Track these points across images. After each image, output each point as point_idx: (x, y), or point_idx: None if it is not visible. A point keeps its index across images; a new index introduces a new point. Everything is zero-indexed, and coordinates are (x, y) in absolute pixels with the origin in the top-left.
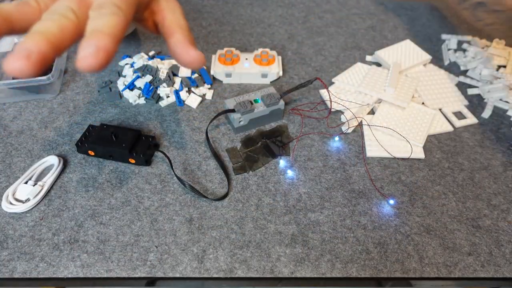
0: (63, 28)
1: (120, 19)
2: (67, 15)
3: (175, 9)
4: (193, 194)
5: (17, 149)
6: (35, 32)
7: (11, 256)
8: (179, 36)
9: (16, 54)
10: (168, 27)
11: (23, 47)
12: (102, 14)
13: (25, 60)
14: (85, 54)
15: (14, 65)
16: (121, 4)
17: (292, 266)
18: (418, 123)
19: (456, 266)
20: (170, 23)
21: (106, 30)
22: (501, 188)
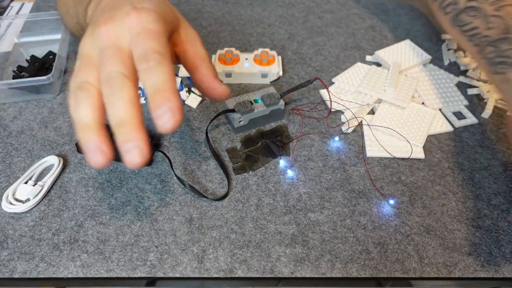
0: (134, 104)
1: (168, 66)
2: (128, 88)
3: (195, 40)
4: (193, 194)
5: (17, 149)
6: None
7: (11, 256)
8: (203, 70)
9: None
10: (191, 60)
11: (133, 148)
12: (151, 68)
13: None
14: (165, 120)
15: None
16: (161, 48)
17: (292, 266)
18: (418, 123)
19: (456, 266)
20: (193, 56)
21: (168, 87)
22: (501, 188)
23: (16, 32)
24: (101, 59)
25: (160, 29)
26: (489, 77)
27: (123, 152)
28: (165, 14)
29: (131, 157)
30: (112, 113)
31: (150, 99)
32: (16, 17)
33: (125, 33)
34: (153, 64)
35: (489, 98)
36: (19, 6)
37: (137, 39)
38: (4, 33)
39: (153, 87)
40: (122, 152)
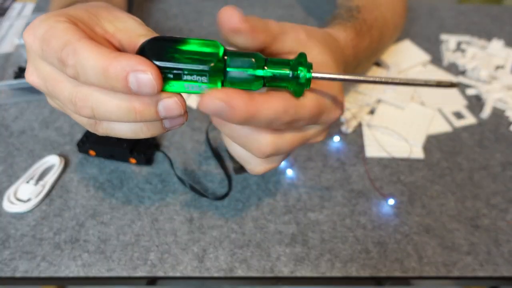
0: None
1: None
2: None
3: (129, 27)
4: (194, 193)
5: (18, 149)
6: None
7: (12, 256)
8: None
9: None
10: (131, 48)
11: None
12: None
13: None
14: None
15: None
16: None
17: (292, 266)
18: (417, 123)
19: (455, 265)
20: (128, 44)
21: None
22: (500, 188)
23: (17, 33)
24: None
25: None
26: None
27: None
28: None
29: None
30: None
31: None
32: (18, 18)
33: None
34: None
35: (487, 99)
36: (21, 7)
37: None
38: (6, 34)
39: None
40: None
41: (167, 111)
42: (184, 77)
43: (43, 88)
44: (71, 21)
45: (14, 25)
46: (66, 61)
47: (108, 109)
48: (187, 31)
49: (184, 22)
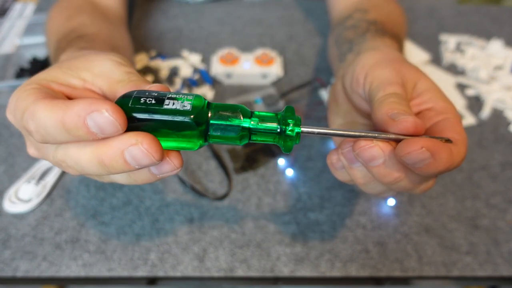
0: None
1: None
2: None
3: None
4: (194, 193)
5: (19, 149)
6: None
7: (13, 255)
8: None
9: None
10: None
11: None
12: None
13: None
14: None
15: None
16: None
17: (292, 265)
18: None
19: (454, 265)
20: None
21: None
22: (499, 188)
23: (18, 34)
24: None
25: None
26: (337, 68)
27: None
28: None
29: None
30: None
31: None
32: (19, 19)
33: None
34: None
35: (487, 99)
36: (21, 8)
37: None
38: (6, 34)
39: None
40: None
41: (135, 160)
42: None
43: (43, 158)
44: (39, 85)
45: (14, 26)
46: (28, 128)
47: (83, 164)
48: (187, 31)
49: (184, 22)
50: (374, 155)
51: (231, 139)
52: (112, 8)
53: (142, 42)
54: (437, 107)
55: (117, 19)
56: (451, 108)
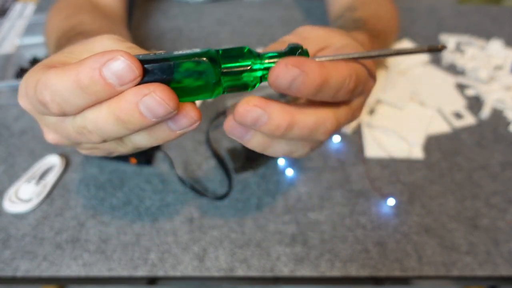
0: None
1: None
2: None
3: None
4: (194, 193)
5: (19, 149)
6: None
7: (14, 255)
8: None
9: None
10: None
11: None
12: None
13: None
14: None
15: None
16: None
17: (292, 265)
18: (417, 124)
19: (454, 265)
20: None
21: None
22: (499, 188)
23: (18, 34)
24: None
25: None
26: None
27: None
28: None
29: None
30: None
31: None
32: (19, 19)
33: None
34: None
35: (487, 99)
36: (21, 8)
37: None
38: (6, 34)
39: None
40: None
41: (150, 111)
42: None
43: (63, 140)
44: (46, 66)
45: (15, 26)
46: (43, 99)
47: (102, 125)
48: (187, 31)
49: (184, 22)
50: (256, 116)
51: (243, 78)
52: (112, 8)
53: (142, 42)
54: (336, 45)
55: (117, 18)
56: (351, 44)
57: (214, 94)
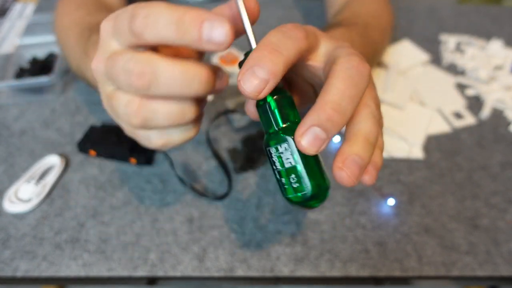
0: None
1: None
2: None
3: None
4: (194, 193)
5: (19, 149)
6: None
7: (13, 255)
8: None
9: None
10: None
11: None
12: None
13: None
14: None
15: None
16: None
17: (292, 265)
18: (417, 124)
19: (454, 265)
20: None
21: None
22: (499, 188)
23: (18, 34)
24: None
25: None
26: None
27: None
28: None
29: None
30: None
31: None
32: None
33: None
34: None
35: (487, 99)
36: (22, 8)
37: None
38: (6, 34)
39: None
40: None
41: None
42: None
43: (102, 70)
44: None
45: (14, 26)
46: (137, 13)
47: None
48: None
49: None
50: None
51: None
52: (114, 6)
53: None
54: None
55: None
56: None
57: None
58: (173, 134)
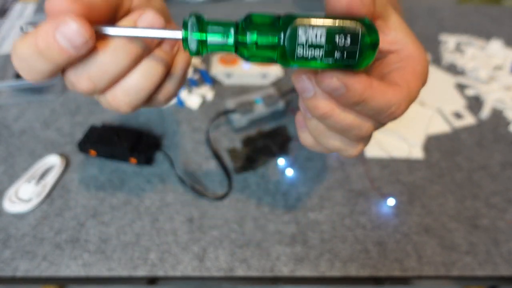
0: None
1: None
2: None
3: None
4: (194, 193)
5: (19, 149)
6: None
7: (13, 255)
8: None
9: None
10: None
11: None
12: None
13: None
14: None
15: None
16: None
17: (292, 265)
18: (417, 124)
19: (454, 265)
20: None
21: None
22: (499, 188)
23: (18, 34)
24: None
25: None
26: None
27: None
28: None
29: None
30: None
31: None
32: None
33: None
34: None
35: (486, 99)
36: (22, 8)
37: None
38: (7, 34)
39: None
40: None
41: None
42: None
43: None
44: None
45: (15, 26)
46: (15, 66)
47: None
48: None
49: None
50: (305, 87)
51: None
52: None
53: None
54: (403, 53)
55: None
56: (417, 56)
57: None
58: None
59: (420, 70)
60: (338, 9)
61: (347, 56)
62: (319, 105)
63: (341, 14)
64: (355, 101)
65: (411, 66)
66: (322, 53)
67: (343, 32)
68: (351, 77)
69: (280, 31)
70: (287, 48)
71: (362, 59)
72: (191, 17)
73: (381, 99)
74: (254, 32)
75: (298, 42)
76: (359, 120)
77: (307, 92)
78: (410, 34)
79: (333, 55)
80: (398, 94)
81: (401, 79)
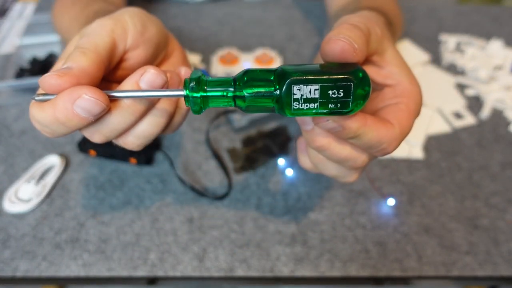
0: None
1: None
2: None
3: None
4: (194, 193)
5: (19, 149)
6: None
7: (13, 255)
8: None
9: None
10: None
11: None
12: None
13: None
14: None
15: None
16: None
17: (292, 265)
18: (417, 124)
19: (454, 265)
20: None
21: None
22: (499, 188)
23: (18, 34)
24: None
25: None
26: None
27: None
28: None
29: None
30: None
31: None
32: (19, 19)
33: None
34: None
35: (486, 99)
36: (22, 8)
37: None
38: (6, 34)
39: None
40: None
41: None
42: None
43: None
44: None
45: (14, 26)
46: (36, 127)
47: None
48: (187, 31)
49: (183, 23)
50: (304, 120)
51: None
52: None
53: None
54: (398, 88)
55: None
56: (411, 92)
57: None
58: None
59: (413, 108)
60: (331, 57)
61: (340, 106)
62: (316, 139)
63: (335, 61)
64: (350, 137)
65: (405, 103)
66: (317, 105)
67: (336, 87)
68: (347, 117)
69: (276, 87)
70: (283, 102)
71: (355, 105)
72: (192, 79)
73: (374, 135)
74: (251, 88)
75: (294, 98)
76: (355, 153)
77: (306, 125)
78: (405, 68)
79: (327, 106)
80: (390, 133)
81: (394, 118)
